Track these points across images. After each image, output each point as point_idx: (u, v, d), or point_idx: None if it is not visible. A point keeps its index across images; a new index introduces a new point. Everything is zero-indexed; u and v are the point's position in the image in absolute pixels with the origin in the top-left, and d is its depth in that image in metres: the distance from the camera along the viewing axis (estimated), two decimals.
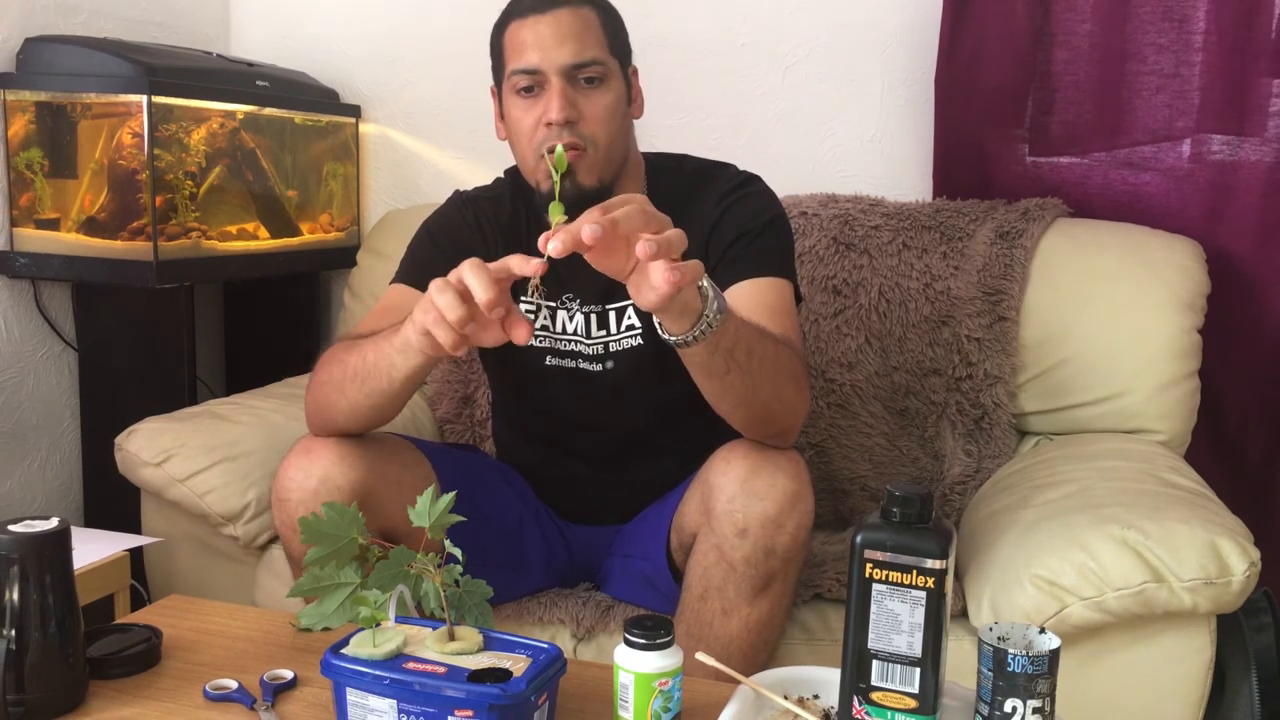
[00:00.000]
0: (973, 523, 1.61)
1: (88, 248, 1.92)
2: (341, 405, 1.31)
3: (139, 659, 1.17)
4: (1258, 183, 1.88)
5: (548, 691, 1.00)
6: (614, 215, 0.99)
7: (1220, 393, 1.92)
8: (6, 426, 2.00)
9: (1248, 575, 1.29)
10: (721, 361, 1.16)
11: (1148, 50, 1.93)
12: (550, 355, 1.51)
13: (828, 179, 2.14)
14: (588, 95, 1.40)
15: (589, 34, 1.40)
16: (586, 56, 1.39)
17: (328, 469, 1.31)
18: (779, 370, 1.22)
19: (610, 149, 1.42)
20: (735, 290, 1.38)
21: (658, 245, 0.98)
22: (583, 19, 1.40)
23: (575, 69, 1.38)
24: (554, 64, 1.38)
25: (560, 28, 1.38)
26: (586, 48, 1.39)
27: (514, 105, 1.42)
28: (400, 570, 1.06)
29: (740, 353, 1.16)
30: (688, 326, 1.09)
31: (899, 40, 2.10)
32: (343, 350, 1.33)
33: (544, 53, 1.38)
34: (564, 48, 1.38)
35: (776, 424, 1.28)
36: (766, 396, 1.23)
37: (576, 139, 1.38)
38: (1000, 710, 0.94)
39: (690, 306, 1.08)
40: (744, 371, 1.18)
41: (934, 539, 0.94)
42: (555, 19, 1.38)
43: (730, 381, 1.19)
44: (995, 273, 1.85)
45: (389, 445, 1.43)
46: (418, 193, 2.42)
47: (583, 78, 1.39)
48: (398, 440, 1.47)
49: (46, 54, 1.93)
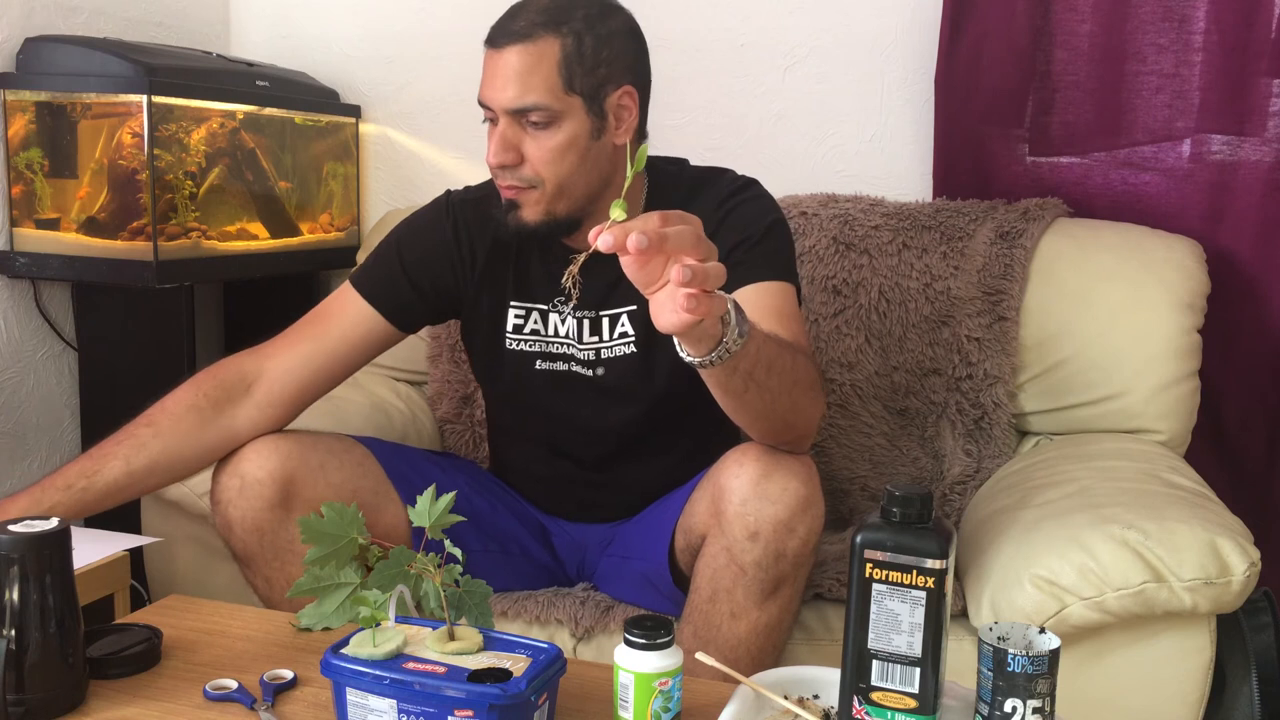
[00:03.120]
0: (973, 523, 1.61)
1: (88, 248, 1.92)
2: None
3: (139, 659, 1.17)
4: (1258, 183, 1.88)
5: (548, 691, 1.00)
6: (666, 231, 0.96)
7: (1220, 393, 1.92)
8: (6, 426, 2.00)
9: (1248, 575, 1.29)
10: (740, 382, 1.15)
11: (1148, 50, 1.93)
12: (540, 359, 1.51)
13: (828, 179, 2.14)
14: (535, 136, 1.36)
15: (537, 75, 1.33)
16: (527, 102, 1.34)
17: (247, 467, 1.39)
18: (797, 384, 1.22)
19: (561, 186, 1.38)
20: (740, 295, 1.37)
21: (693, 274, 0.96)
22: (535, 57, 1.33)
23: (516, 113, 1.35)
24: (498, 104, 1.35)
25: (507, 68, 1.34)
26: (529, 91, 1.33)
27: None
28: (400, 570, 1.06)
29: (760, 372, 1.15)
30: (706, 351, 1.07)
31: (899, 40, 2.10)
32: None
33: (492, 92, 1.36)
34: (506, 91, 1.34)
35: (792, 431, 1.28)
36: (784, 409, 1.23)
37: (516, 181, 1.38)
38: (1000, 710, 0.94)
39: (710, 333, 1.06)
40: (762, 389, 1.17)
41: (934, 539, 0.94)
42: (504, 58, 1.34)
43: (748, 399, 1.18)
44: (995, 273, 1.85)
45: (316, 437, 1.46)
46: (418, 193, 2.42)
47: (528, 121, 1.36)
48: (332, 434, 1.50)
49: (46, 54, 1.93)
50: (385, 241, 1.56)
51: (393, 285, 1.51)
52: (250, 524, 1.38)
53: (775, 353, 1.17)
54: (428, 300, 1.52)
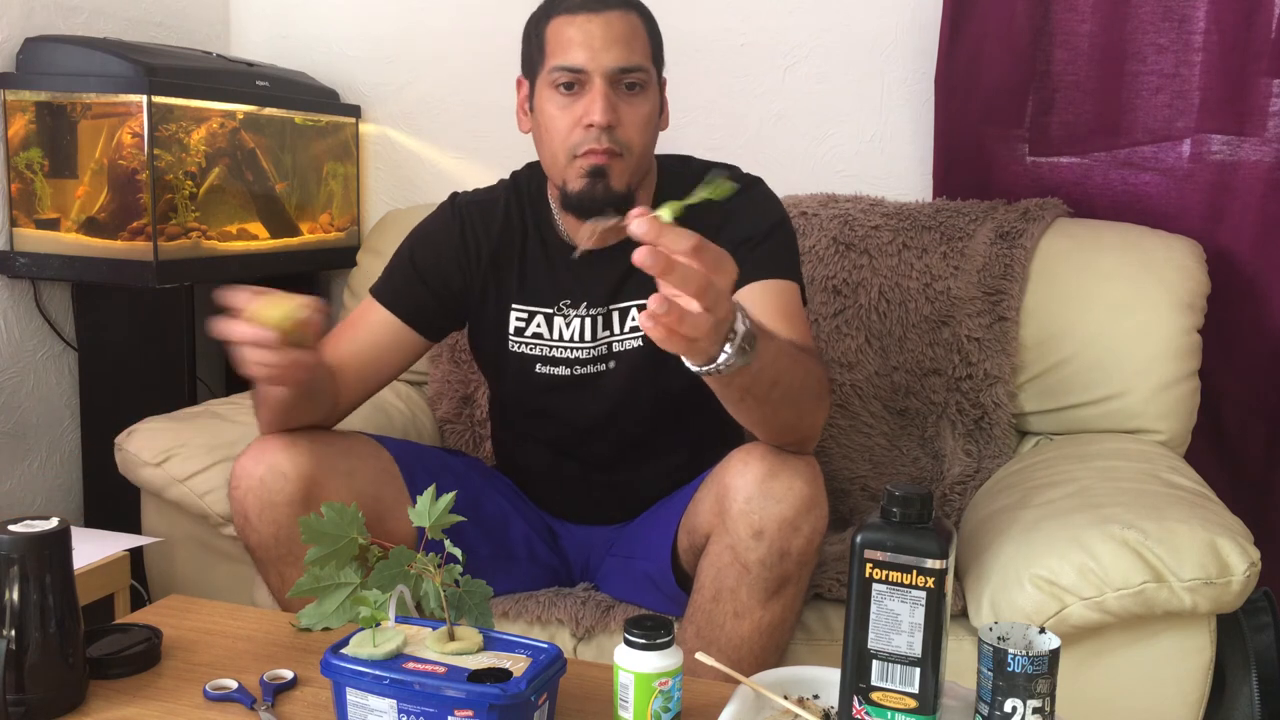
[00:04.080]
0: (973, 523, 1.61)
1: (88, 248, 1.92)
2: (264, 415, 1.38)
3: (139, 659, 1.17)
4: (1258, 183, 1.88)
5: (548, 691, 1.00)
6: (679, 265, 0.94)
7: (1220, 393, 1.92)
8: (6, 426, 2.00)
9: (1248, 575, 1.29)
10: (736, 393, 1.15)
11: (1148, 50, 1.93)
12: (540, 363, 1.51)
13: (828, 179, 2.14)
14: (629, 101, 1.39)
15: (636, 40, 1.39)
16: (634, 61, 1.38)
17: (275, 458, 1.35)
18: (803, 394, 1.22)
19: (642, 157, 1.42)
20: (744, 293, 1.38)
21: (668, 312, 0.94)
22: (631, 24, 1.40)
23: (620, 73, 1.38)
24: (601, 66, 1.37)
25: (611, 30, 1.37)
26: (634, 53, 1.38)
27: (550, 100, 1.41)
28: (400, 570, 1.06)
29: (760, 387, 1.14)
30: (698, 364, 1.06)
31: (899, 40, 2.10)
32: None
33: (592, 53, 1.37)
34: (612, 50, 1.37)
35: (795, 433, 1.28)
36: (787, 417, 1.23)
37: (613, 145, 1.38)
38: (1000, 710, 0.94)
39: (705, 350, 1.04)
40: (762, 402, 1.17)
41: (934, 539, 0.94)
42: (606, 20, 1.38)
43: (746, 406, 1.18)
44: (995, 273, 1.85)
45: (345, 439, 1.44)
46: (418, 193, 2.42)
47: (625, 83, 1.39)
48: (358, 436, 1.48)
49: (46, 54, 1.93)
50: (399, 251, 1.56)
51: (410, 292, 1.51)
52: (269, 519, 1.35)
53: (785, 367, 1.16)
54: (444, 304, 1.53)
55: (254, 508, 1.36)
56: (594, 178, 1.40)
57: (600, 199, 1.40)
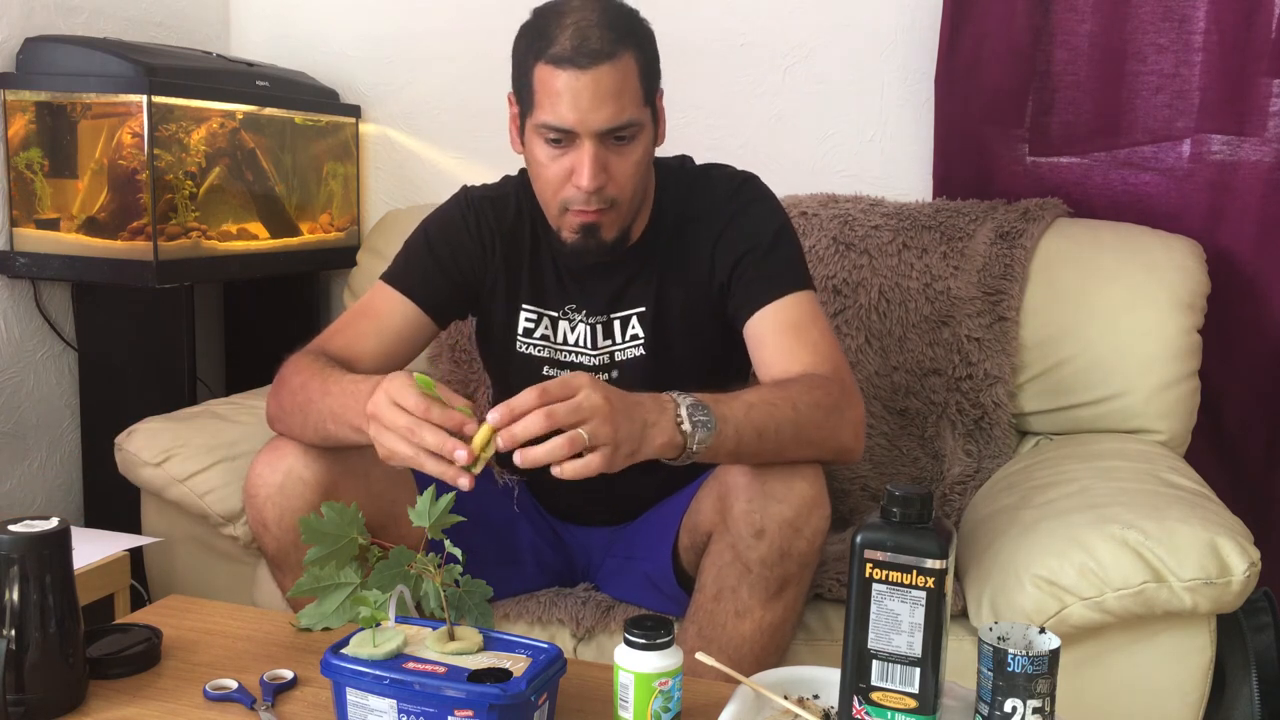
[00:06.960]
0: (973, 523, 1.61)
1: (88, 248, 1.92)
2: (293, 427, 1.34)
3: (139, 659, 1.17)
4: (1258, 183, 1.88)
5: (548, 691, 1.00)
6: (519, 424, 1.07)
7: (1220, 393, 1.92)
8: (6, 426, 2.00)
9: (1248, 575, 1.29)
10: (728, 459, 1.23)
11: (1148, 50, 1.93)
12: (549, 365, 1.51)
13: (828, 179, 2.14)
14: (619, 152, 1.34)
15: (627, 90, 1.31)
16: (624, 119, 1.31)
17: (293, 464, 1.33)
18: (801, 428, 1.25)
19: (633, 201, 1.39)
20: (758, 318, 1.38)
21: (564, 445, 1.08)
22: (622, 73, 1.30)
23: (610, 131, 1.32)
24: (589, 128, 1.30)
25: (599, 87, 1.29)
26: (624, 109, 1.31)
27: (539, 148, 1.36)
28: (400, 570, 1.06)
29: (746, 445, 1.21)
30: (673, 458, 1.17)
31: (899, 40, 2.10)
32: (308, 370, 1.33)
33: (580, 115, 1.29)
34: (602, 111, 1.29)
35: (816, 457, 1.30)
36: (796, 453, 1.27)
37: (603, 204, 1.35)
38: (1000, 710, 0.94)
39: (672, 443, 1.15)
40: (756, 454, 1.24)
41: (934, 539, 0.94)
42: (595, 77, 1.28)
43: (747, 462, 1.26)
44: (995, 273, 1.85)
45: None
46: (417, 193, 2.42)
47: (614, 139, 1.33)
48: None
49: (46, 54, 1.93)
50: (413, 239, 1.54)
51: (426, 278, 1.49)
52: (289, 524, 1.33)
53: (761, 417, 1.21)
54: (460, 290, 1.51)
55: (273, 515, 1.34)
56: (586, 235, 1.38)
57: (594, 252, 1.40)
